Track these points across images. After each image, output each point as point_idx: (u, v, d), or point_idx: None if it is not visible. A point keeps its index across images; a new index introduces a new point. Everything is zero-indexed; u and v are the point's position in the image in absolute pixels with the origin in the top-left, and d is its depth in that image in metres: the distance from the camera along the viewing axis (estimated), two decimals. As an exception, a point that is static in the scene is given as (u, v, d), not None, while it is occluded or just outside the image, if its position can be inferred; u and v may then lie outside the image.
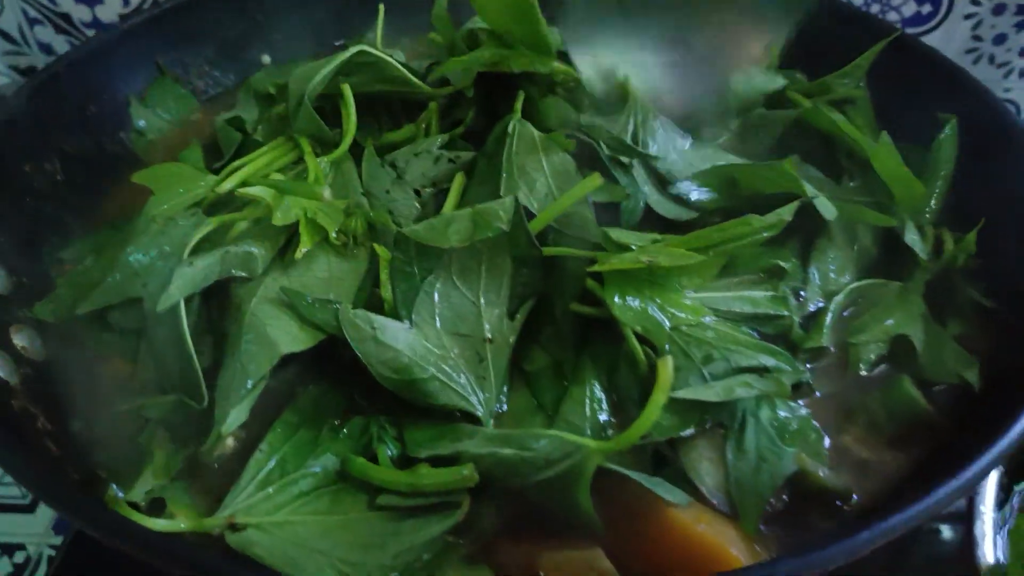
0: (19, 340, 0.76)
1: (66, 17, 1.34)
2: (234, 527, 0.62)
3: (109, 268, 0.76)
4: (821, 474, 0.67)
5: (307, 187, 0.78)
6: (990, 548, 0.74)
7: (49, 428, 0.70)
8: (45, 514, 1.11)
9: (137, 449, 0.69)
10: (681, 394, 0.65)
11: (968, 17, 1.33)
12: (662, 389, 0.60)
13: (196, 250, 0.74)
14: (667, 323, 0.69)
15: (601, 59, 0.92)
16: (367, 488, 0.64)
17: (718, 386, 0.66)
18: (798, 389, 0.73)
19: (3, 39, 1.39)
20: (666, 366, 0.60)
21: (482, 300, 0.70)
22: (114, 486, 0.64)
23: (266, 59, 1.12)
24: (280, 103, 0.91)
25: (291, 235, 0.75)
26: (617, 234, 0.71)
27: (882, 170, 0.83)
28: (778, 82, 0.98)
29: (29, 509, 1.12)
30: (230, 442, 0.70)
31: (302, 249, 0.73)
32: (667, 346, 0.68)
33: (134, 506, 0.63)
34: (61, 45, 1.39)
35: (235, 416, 0.66)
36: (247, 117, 0.95)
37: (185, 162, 0.88)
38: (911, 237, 0.83)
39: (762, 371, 0.69)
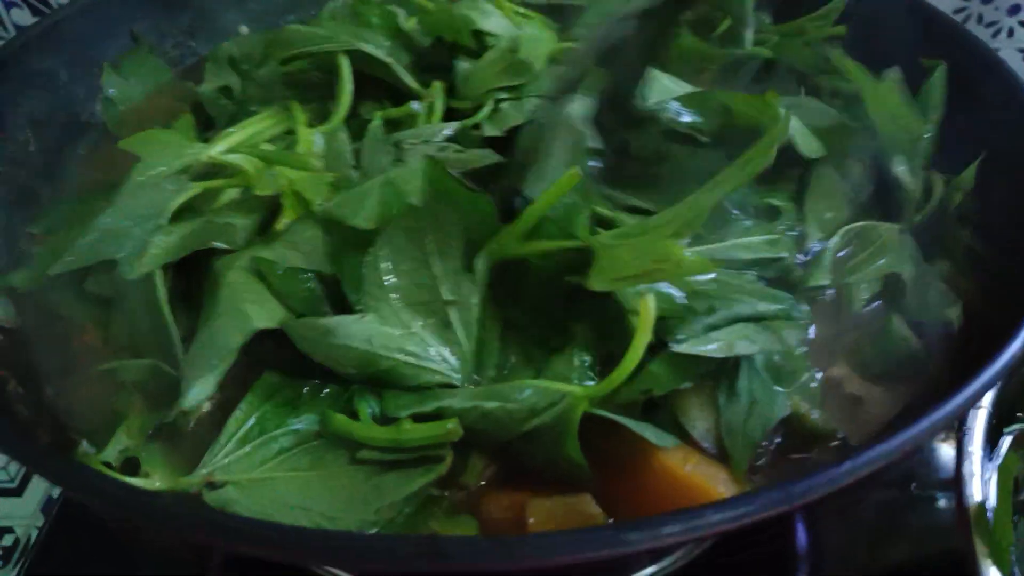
0: (-7, 306, 0.75)
1: (43, 0, 1.33)
2: (212, 485, 0.61)
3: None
4: (814, 416, 0.67)
5: (295, 157, 0.76)
6: (978, 486, 0.74)
7: (20, 392, 0.69)
8: (33, 497, 1.12)
9: (111, 412, 0.68)
10: (682, 348, 0.63)
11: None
12: (644, 330, 0.58)
13: (176, 218, 0.72)
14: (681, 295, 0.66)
15: None
16: (348, 444, 0.63)
17: (720, 341, 0.65)
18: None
19: (-22, 22, 1.39)
20: (647, 306, 0.58)
21: (436, 261, 0.67)
22: (85, 443, 0.63)
23: (244, 29, 1.11)
24: (265, 67, 0.90)
25: (276, 208, 0.73)
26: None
27: (878, 108, 0.84)
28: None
29: (17, 492, 1.12)
30: (205, 406, 0.68)
31: (284, 220, 0.71)
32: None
33: (107, 466, 0.62)
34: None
35: (198, 390, 0.65)
36: (229, 84, 0.94)
37: (175, 130, 0.86)
38: (902, 173, 0.83)
39: (766, 319, 0.68)
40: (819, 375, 0.71)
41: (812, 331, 0.75)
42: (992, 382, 0.59)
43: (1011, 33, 1.43)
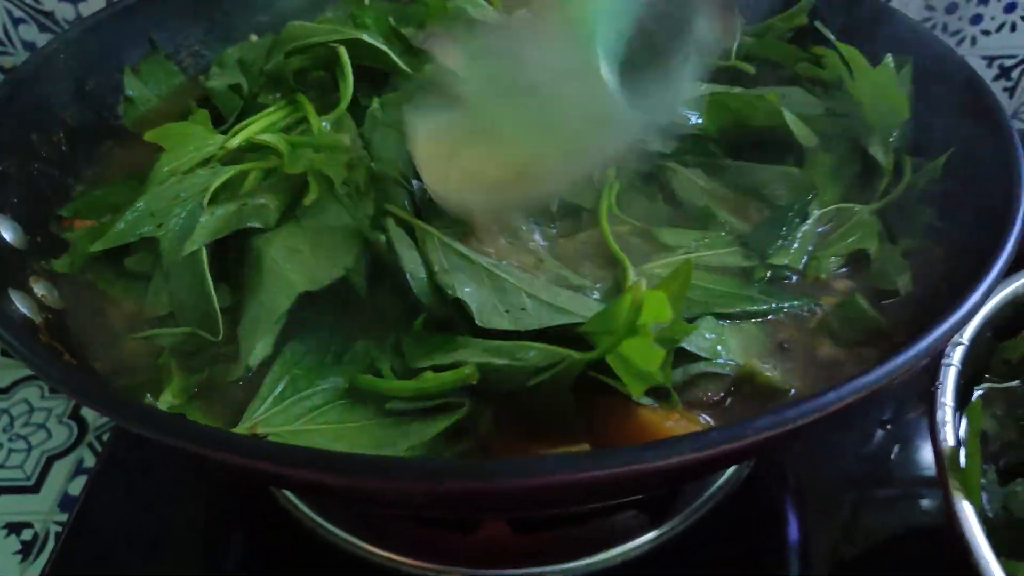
0: (38, 289, 0.81)
1: (50, 15, 1.37)
2: (256, 436, 0.67)
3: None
4: (770, 374, 0.74)
5: (326, 136, 0.84)
6: (951, 432, 0.81)
7: (74, 363, 0.75)
8: (50, 492, 1.14)
9: (155, 375, 0.74)
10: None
11: (921, -15, 1.40)
12: (634, 309, 0.62)
13: (212, 200, 0.80)
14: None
15: None
16: (375, 399, 0.70)
17: (707, 344, 0.73)
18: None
19: (-14, 39, 1.42)
20: (638, 287, 0.61)
21: None
22: (149, 396, 0.70)
23: (253, 37, 1.16)
24: (272, 62, 0.96)
25: (300, 188, 0.81)
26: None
27: (867, 91, 0.91)
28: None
29: (34, 489, 1.15)
30: (243, 369, 0.75)
31: (311, 196, 0.79)
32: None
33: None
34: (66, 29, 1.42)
35: (261, 348, 0.73)
36: (238, 82, 1.01)
37: (194, 123, 0.93)
38: (879, 154, 0.91)
39: (748, 316, 0.78)
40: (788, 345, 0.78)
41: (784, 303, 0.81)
42: (942, 338, 0.64)
43: (974, 42, 1.50)
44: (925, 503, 1.02)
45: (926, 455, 1.06)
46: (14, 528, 1.11)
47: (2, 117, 0.89)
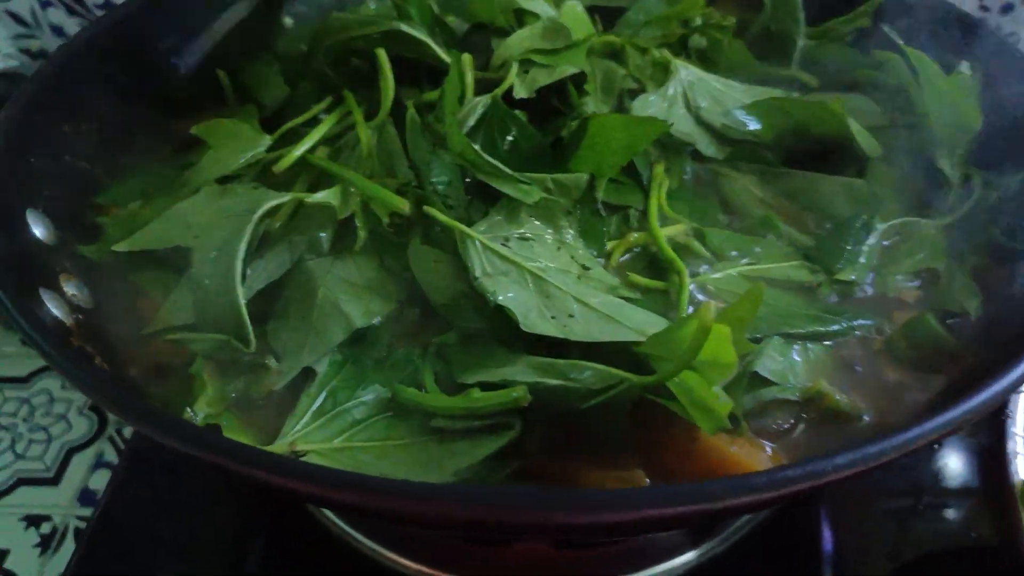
0: (68, 288, 0.78)
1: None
2: (296, 453, 0.65)
3: (158, 213, 0.79)
4: (839, 399, 0.70)
5: (370, 185, 0.79)
6: (1022, 464, 0.76)
7: (106, 367, 0.72)
8: (70, 486, 1.13)
9: (186, 383, 0.71)
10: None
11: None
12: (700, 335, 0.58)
13: (260, 219, 0.76)
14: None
15: None
16: (419, 415, 0.67)
17: (777, 369, 0.70)
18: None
19: (15, 22, 1.41)
20: (708, 310, 0.56)
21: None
22: (190, 410, 0.68)
23: (288, 21, 1.13)
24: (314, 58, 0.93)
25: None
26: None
27: (938, 101, 0.87)
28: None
29: (53, 482, 1.13)
30: (275, 378, 0.72)
31: (361, 236, 0.78)
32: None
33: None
34: (72, 27, 1.40)
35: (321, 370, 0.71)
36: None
37: (240, 119, 0.90)
38: (947, 168, 0.86)
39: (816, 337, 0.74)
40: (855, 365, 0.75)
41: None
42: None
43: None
44: (966, 518, 0.97)
45: (972, 469, 1.00)
46: (33, 521, 1.09)
47: (33, 108, 0.86)
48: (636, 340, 0.65)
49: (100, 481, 1.12)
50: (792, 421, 0.70)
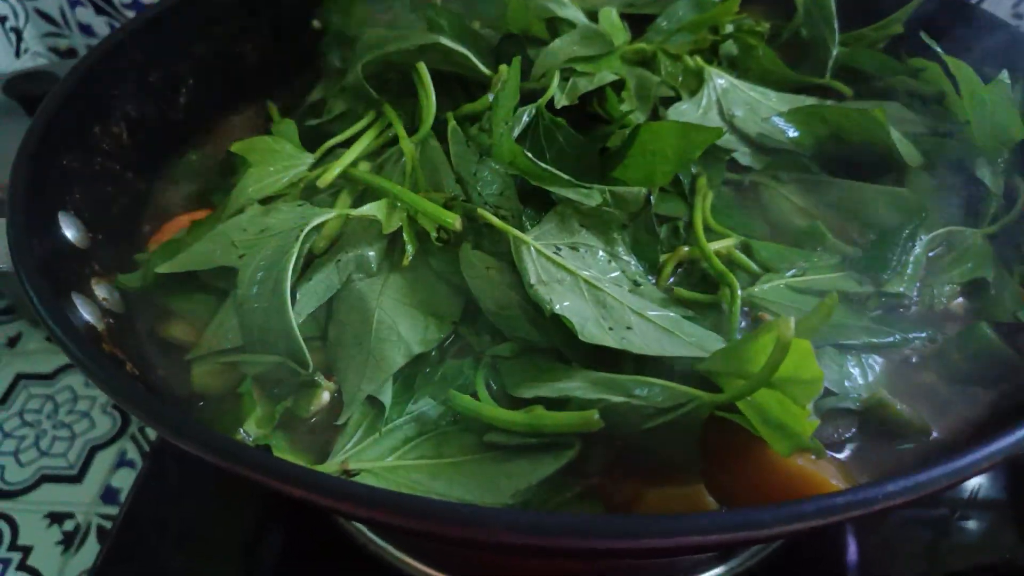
0: (100, 292, 0.78)
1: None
2: (348, 472, 0.63)
3: (199, 238, 0.77)
4: (900, 408, 0.69)
5: (417, 199, 0.78)
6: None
7: (137, 374, 0.71)
8: (93, 483, 1.12)
9: (229, 402, 0.71)
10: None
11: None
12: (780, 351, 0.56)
13: (307, 237, 0.74)
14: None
15: None
16: (471, 430, 0.66)
17: (835, 379, 0.69)
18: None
19: (44, 20, 1.40)
20: (787, 325, 0.54)
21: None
22: (243, 431, 0.66)
23: (316, 24, 1.11)
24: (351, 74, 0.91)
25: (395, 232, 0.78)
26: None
27: (977, 108, 0.85)
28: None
29: (77, 479, 1.12)
30: (325, 396, 0.72)
31: (408, 255, 0.76)
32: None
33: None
34: (101, 27, 1.40)
35: (387, 400, 0.69)
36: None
37: (280, 136, 0.88)
38: (988, 177, 0.85)
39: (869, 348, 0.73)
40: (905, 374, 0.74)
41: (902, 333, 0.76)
42: None
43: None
44: (994, 532, 0.97)
45: (999, 481, 1.01)
46: (56, 519, 1.08)
47: (64, 109, 0.84)
48: (698, 356, 0.64)
49: (123, 479, 1.11)
50: (854, 430, 0.69)
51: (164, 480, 1.03)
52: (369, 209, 0.75)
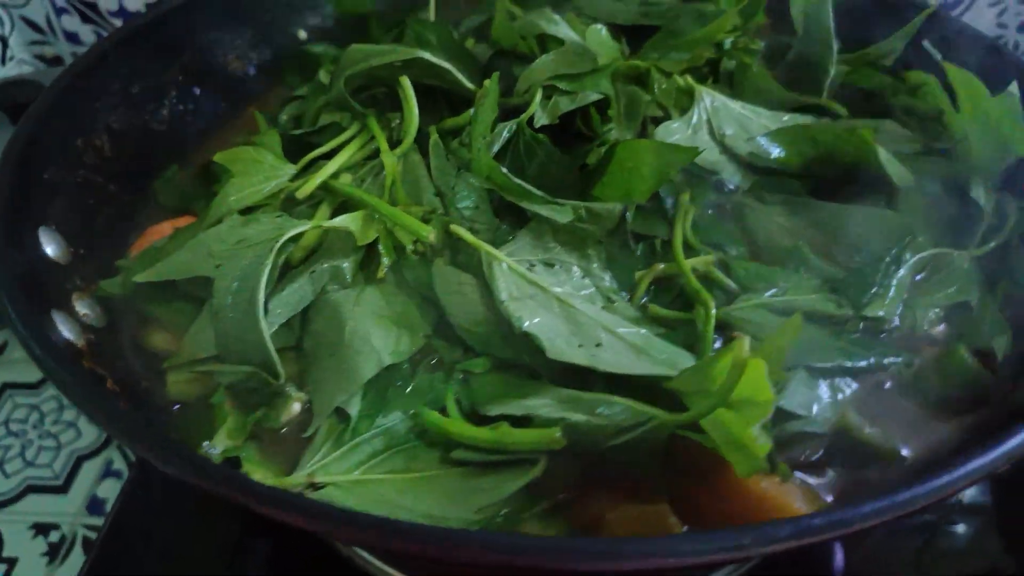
0: (80, 308, 0.77)
1: (92, 6, 1.35)
2: (314, 486, 0.63)
3: (180, 246, 0.78)
4: (868, 432, 0.68)
5: (395, 212, 0.78)
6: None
7: (118, 390, 0.71)
8: (78, 494, 1.12)
9: (204, 412, 0.70)
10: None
11: (993, 5, 1.35)
12: (735, 371, 0.56)
13: (282, 248, 0.75)
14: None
15: None
16: (439, 445, 0.66)
17: (803, 401, 0.68)
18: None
19: (30, 28, 1.40)
20: (742, 345, 0.55)
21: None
22: (206, 444, 0.66)
23: (302, 34, 1.13)
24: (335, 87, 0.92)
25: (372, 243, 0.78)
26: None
27: (978, 123, 0.84)
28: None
29: (63, 490, 1.12)
30: (296, 407, 0.72)
31: (384, 267, 0.77)
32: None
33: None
34: (87, 35, 1.40)
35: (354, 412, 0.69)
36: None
37: (263, 147, 0.89)
38: (981, 197, 0.84)
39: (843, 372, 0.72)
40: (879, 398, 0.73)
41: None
42: None
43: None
44: (979, 539, 0.96)
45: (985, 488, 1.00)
46: (41, 529, 1.08)
47: (47, 122, 0.85)
48: (667, 374, 0.64)
49: (109, 490, 1.11)
50: (821, 454, 0.68)
51: (150, 491, 1.02)
52: (343, 221, 0.76)
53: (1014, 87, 0.84)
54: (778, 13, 1.07)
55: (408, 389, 0.70)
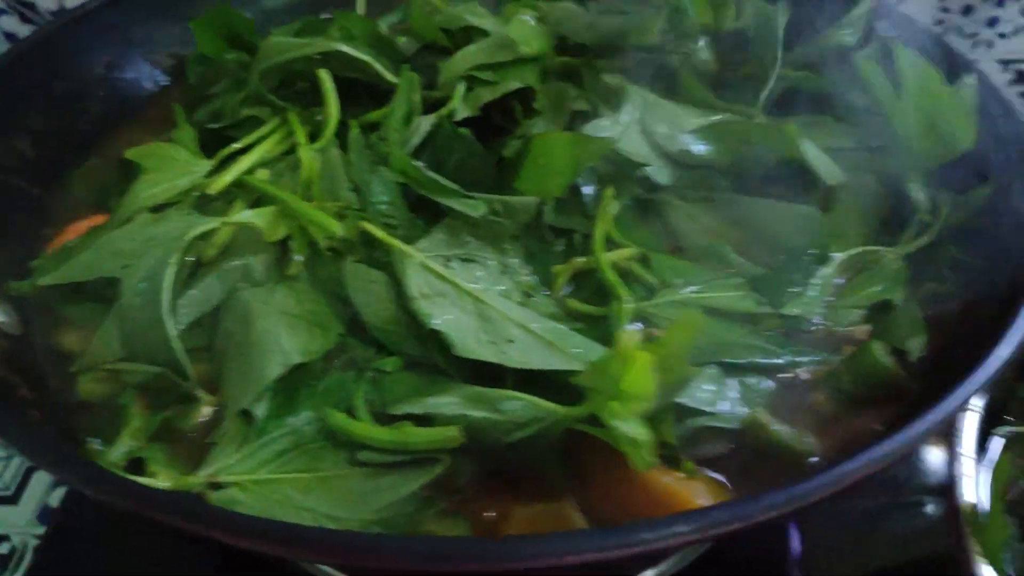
0: (-5, 314, 0.77)
1: (31, 6, 1.34)
2: (216, 486, 0.63)
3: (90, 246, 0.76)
4: (775, 429, 0.68)
5: (304, 207, 0.77)
6: (970, 488, 0.75)
7: (30, 397, 0.71)
8: (29, 505, 1.11)
9: (116, 412, 0.70)
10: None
11: (936, -12, 1.35)
12: (621, 365, 0.56)
13: (190, 247, 0.74)
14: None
15: None
16: (346, 445, 0.65)
17: (709, 398, 0.68)
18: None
19: (-34, 29, 1.39)
20: (629, 338, 0.55)
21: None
22: (94, 441, 0.66)
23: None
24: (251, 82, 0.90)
25: (284, 237, 0.77)
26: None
27: (923, 116, 0.84)
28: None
29: (12, 500, 1.11)
30: (206, 409, 0.71)
31: (296, 259, 0.76)
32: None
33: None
34: (27, 34, 1.38)
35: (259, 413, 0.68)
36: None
37: (178, 143, 0.88)
38: (919, 193, 0.83)
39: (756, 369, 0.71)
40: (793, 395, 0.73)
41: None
42: (959, 405, 0.60)
43: (990, 45, 1.46)
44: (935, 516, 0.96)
45: (935, 465, 0.98)
46: (-9, 541, 1.07)
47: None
48: (576, 369, 0.64)
49: (60, 499, 1.07)
50: (731, 449, 0.68)
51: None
52: (249, 217, 0.75)
53: (972, 79, 0.83)
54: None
55: (319, 389, 0.69)
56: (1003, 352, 0.62)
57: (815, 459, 0.68)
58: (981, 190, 0.82)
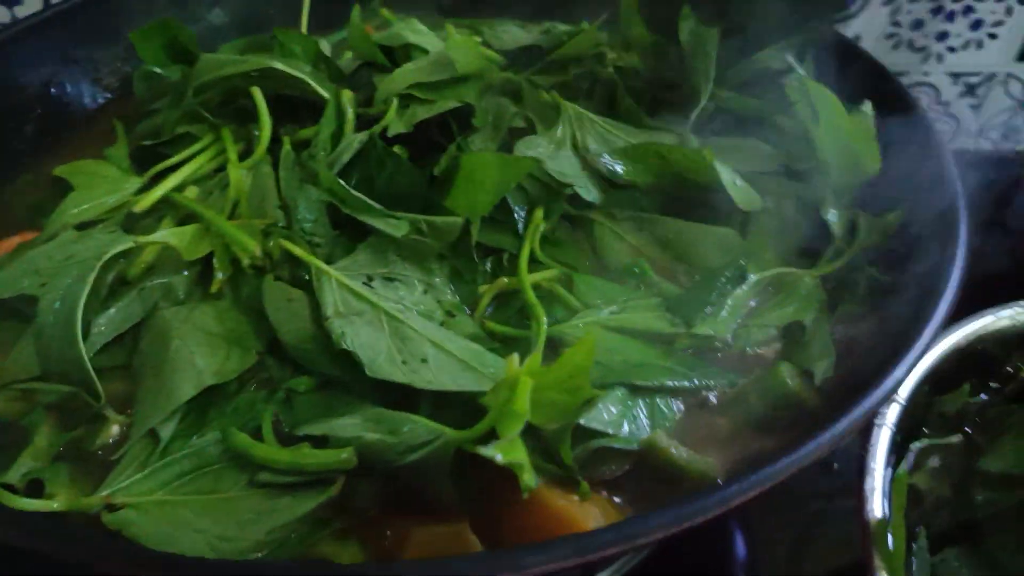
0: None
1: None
2: (111, 507, 0.62)
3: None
4: (674, 452, 0.67)
5: (225, 224, 0.77)
6: (879, 503, 0.75)
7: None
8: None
9: (19, 432, 0.69)
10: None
11: (887, 3, 1.37)
12: (507, 388, 0.56)
13: (109, 266, 0.74)
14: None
15: None
16: (248, 467, 0.65)
17: (611, 419, 0.67)
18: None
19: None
20: (511, 362, 0.55)
21: None
22: None
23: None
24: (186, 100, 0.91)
25: (209, 256, 0.77)
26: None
27: (834, 140, 0.85)
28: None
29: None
30: (115, 429, 0.71)
31: (219, 276, 0.76)
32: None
33: (10, 488, 0.63)
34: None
35: (165, 435, 0.67)
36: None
37: (111, 160, 0.88)
38: (833, 217, 0.84)
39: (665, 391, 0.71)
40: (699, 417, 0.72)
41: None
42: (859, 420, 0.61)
43: (940, 59, 1.46)
44: None
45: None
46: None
47: None
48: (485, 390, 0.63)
49: None
50: (632, 472, 0.67)
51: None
52: (165, 236, 0.75)
53: (867, 106, 0.85)
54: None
55: (230, 409, 0.69)
56: (898, 374, 0.63)
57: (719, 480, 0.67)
58: (895, 213, 0.83)
